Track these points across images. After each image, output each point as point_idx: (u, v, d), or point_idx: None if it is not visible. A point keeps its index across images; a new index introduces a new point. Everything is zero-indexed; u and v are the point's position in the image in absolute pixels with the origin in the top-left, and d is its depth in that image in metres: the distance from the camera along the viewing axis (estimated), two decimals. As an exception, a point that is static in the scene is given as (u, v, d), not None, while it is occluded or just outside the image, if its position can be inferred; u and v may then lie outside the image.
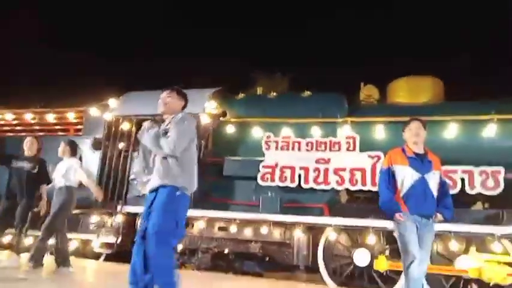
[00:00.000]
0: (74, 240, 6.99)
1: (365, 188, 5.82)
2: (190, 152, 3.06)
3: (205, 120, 6.64)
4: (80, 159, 5.25)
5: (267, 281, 5.91)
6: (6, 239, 6.04)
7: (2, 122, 8.34)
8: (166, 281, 2.70)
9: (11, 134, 8.13)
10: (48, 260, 5.19)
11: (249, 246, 6.17)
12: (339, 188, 5.96)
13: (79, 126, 7.78)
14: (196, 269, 6.36)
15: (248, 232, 6.16)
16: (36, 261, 4.61)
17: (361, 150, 6.04)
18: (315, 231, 6.06)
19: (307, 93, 6.87)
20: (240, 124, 6.85)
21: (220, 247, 6.28)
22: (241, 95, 7.27)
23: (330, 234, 5.91)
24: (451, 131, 5.82)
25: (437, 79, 6.77)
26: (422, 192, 3.43)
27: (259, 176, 6.25)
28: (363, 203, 6.06)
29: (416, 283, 3.24)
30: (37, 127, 8.16)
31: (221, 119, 6.94)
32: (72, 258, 5.74)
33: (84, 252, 7.00)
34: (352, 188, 5.91)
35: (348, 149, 6.12)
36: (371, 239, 5.62)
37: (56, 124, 8.08)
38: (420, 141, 3.65)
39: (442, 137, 5.88)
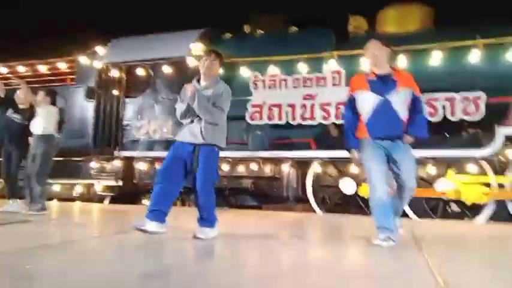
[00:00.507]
0: (78, 186, 7.42)
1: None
2: (225, 117, 3.64)
3: (192, 62, 6.67)
4: (61, 110, 5.30)
5: (260, 213, 6.27)
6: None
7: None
8: (213, 218, 3.46)
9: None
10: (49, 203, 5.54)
11: (241, 182, 6.50)
12: (326, 122, 6.10)
13: (73, 76, 7.89)
14: (194, 205, 6.73)
15: (240, 169, 6.46)
16: (44, 205, 4.92)
17: (346, 84, 6.08)
18: (303, 165, 6.34)
19: (293, 29, 6.77)
20: (228, 65, 6.84)
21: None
22: (227, 35, 7.20)
23: (317, 167, 6.18)
24: (437, 58, 5.78)
25: (426, 6, 6.57)
26: (385, 114, 3.27)
27: (247, 115, 6.39)
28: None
29: (380, 209, 3.17)
30: (31, 79, 8.28)
31: (208, 60, 6.94)
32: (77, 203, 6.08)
33: (89, 196, 7.43)
34: (339, 122, 6.04)
35: (334, 84, 6.17)
36: (354, 168, 5.90)
37: (50, 75, 8.18)
38: (379, 61, 3.40)
39: (429, 65, 5.86)
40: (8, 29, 13.58)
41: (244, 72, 6.69)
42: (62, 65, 7.94)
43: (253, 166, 6.27)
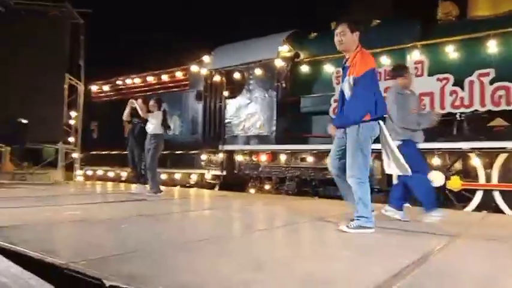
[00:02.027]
0: (193, 175, 8.77)
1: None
2: None
3: (279, 63, 7.32)
4: (164, 112, 6.42)
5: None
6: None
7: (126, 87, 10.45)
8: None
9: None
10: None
11: (327, 173, 6.89)
12: (407, 114, 6.09)
13: (185, 82, 9.29)
14: (285, 194, 7.41)
15: (326, 161, 6.86)
16: (157, 189, 6.23)
17: (430, 74, 5.99)
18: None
19: (375, 22, 6.85)
20: (312, 63, 7.33)
21: (303, 175, 7.16)
22: (313, 35, 7.62)
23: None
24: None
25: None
26: (340, 103, 3.26)
27: (330, 109, 6.76)
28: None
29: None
30: (157, 86, 9.98)
31: (296, 60, 7.50)
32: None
33: (202, 184, 8.71)
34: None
35: (416, 75, 6.11)
36: (441, 161, 5.78)
37: (169, 82, 9.75)
38: (346, 47, 3.17)
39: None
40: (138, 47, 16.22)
41: (328, 68, 7.05)
42: (179, 74, 9.39)
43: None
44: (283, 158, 7.31)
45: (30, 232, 2.73)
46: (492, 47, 5.61)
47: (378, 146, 3.48)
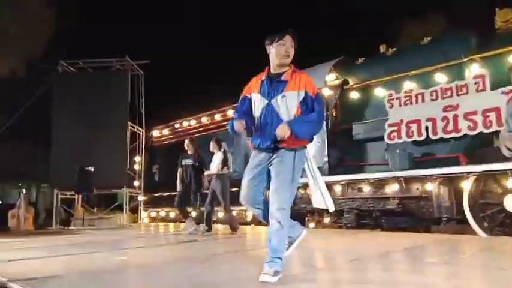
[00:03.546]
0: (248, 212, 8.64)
1: (501, 128, 5.24)
2: None
3: (327, 92, 7.12)
4: (225, 152, 6.50)
5: (409, 235, 6.03)
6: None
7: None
8: None
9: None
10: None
11: (387, 203, 6.40)
12: (472, 133, 5.54)
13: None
14: (345, 227, 6.97)
15: (385, 190, 6.40)
16: (209, 227, 6.25)
17: (493, 88, 5.44)
18: (454, 181, 5.82)
19: (426, 40, 6.47)
20: (362, 88, 7.04)
21: (362, 206, 6.72)
22: (360, 60, 7.37)
23: (473, 183, 5.58)
24: None
25: None
26: (269, 121, 2.68)
27: (385, 135, 6.37)
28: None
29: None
30: (211, 126, 10.23)
31: (344, 87, 7.26)
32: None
33: (259, 220, 8.53)
34: (487, 131, 5.41)
35: (477, 90, 5.59)
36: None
37: (222, 121, 9.94)
38: (289, 61, 2.78)
39: None
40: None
41: (380, 92, 6.72)
42: (231, 112, 9.56)
43: (396, 186, 6.13)
44: (338, 189, 6.94)
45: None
46: None
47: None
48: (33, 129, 13.39)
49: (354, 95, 7.08)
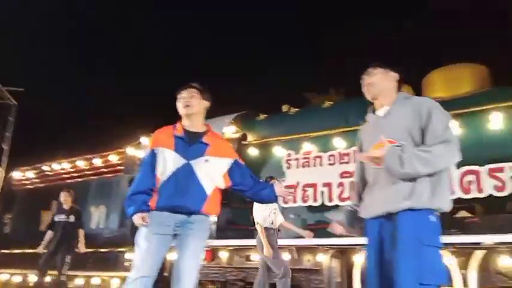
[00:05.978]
0: (116, 279, 7.14)
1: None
2: None
3: (223, 145, 6.47)
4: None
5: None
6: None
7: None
8: None
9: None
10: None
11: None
12: (368, 202, 5.22)
13: (120, 167, 8.16)
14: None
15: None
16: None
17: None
18: (347, 253, 5.34)
19: (328, 103, 6.36)
20: (261, 145, 6.55)
21: (246, 277, 5.83)
22: (262, 116, 7.00)
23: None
24: (496, 121, 4.82)
25: (480, 65, 5.78)
26: (184, 182, 2.54)
27: (280, 198, 5.77)
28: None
29: None
30: (88, 172, 8.76)
31: (242, 142, 6.71)
32: None
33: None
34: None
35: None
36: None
37: (103, 167, 8.59)
38: (192, 112, 2.68)
39: (487, 129, 4.90)
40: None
41: (279, 151, 6.27)
42: (113, 157, 8.31)
43: (287, 256, 5.44)
44: (224, 255, 6.01)
45: None
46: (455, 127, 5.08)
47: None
48: None
49: (252, 151, 6.52)
